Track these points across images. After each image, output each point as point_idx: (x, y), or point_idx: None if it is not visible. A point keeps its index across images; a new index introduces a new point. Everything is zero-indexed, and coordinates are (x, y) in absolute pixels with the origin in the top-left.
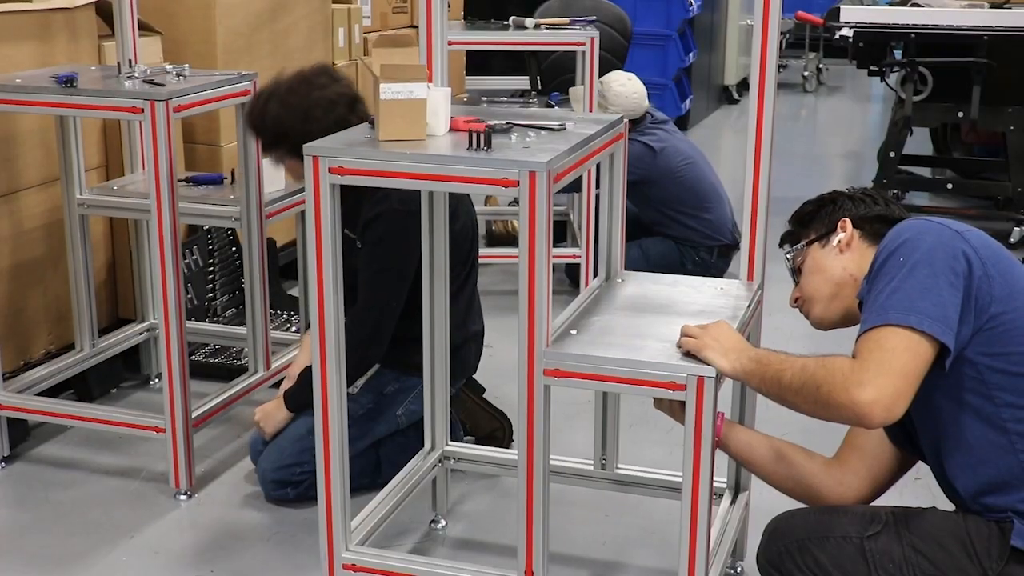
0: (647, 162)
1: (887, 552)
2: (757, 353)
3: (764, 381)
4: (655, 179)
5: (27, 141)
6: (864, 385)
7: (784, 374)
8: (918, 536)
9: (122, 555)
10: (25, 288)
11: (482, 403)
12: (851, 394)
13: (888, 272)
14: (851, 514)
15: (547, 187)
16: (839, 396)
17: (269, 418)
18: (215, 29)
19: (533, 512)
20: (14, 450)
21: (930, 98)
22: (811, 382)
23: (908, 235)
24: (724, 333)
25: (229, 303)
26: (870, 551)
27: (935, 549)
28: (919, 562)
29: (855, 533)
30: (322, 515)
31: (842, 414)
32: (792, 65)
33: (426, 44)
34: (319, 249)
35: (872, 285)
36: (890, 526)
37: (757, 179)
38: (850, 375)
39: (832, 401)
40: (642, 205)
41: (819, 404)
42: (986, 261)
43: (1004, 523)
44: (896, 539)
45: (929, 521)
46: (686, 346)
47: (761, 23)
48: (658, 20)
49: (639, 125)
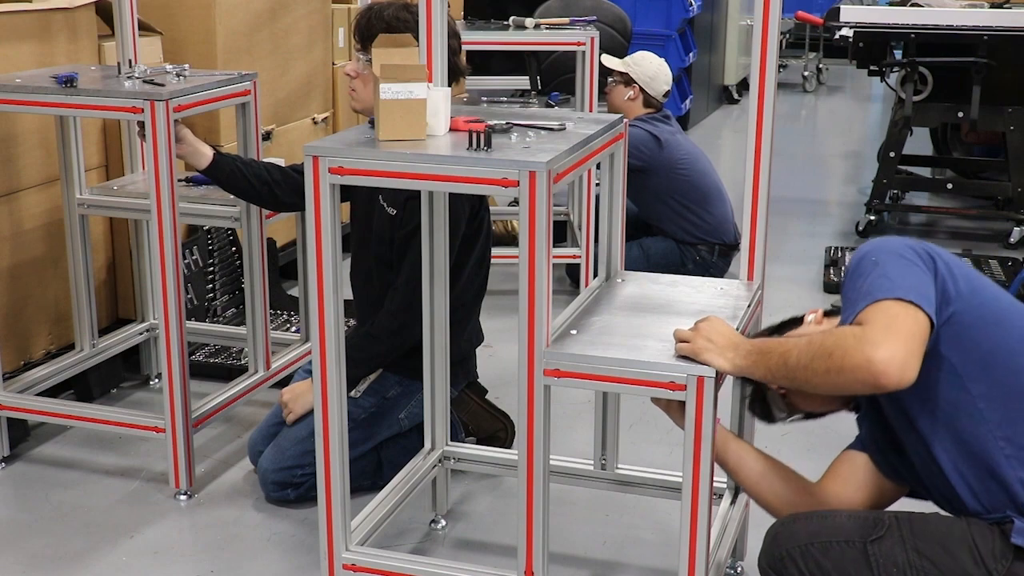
0: (651, 149)
1: (891, 556)
2: (753, 344)
3: (770, 369)
4: (655, 169)
5: (27, 141)
6: (877, 344)
7: (790, 355)
8: (922, 540)
9: (122, 555)
10: (25, 288)
11: (484, 404)
12: (866, 353)
13: (863, 271)
14: (854, 518)
15: (547, 187)
16: (854, 357)
17: (299, 399)
18: (215, 29)
19: (533, 512)
20: (14, 450)
21: (930, 98)
22: (821, 352)
23: (871, 247)
24: (716, 331)
25: (229, 303)
26: (873, 555)
27: (939, 553)
28: (923, 566)
29: (858, 537)
30: (322, 515)
31: (857, 376)
32: (792, 65)
33: (426, 44)
34: (319, 249)
35: (850, 285)
36: (893, 530)
37: (757, 179)
38: (862, 336)
39: (847, 364)
40: (643, 197)
41: (832, 372)
42: (948, 261)
43: (1004, 523)
44: (900, 543)
45: (933, 525)
46: (681, 352)
47: (761, 23)
48: (658, 20)
49: (649, 115)
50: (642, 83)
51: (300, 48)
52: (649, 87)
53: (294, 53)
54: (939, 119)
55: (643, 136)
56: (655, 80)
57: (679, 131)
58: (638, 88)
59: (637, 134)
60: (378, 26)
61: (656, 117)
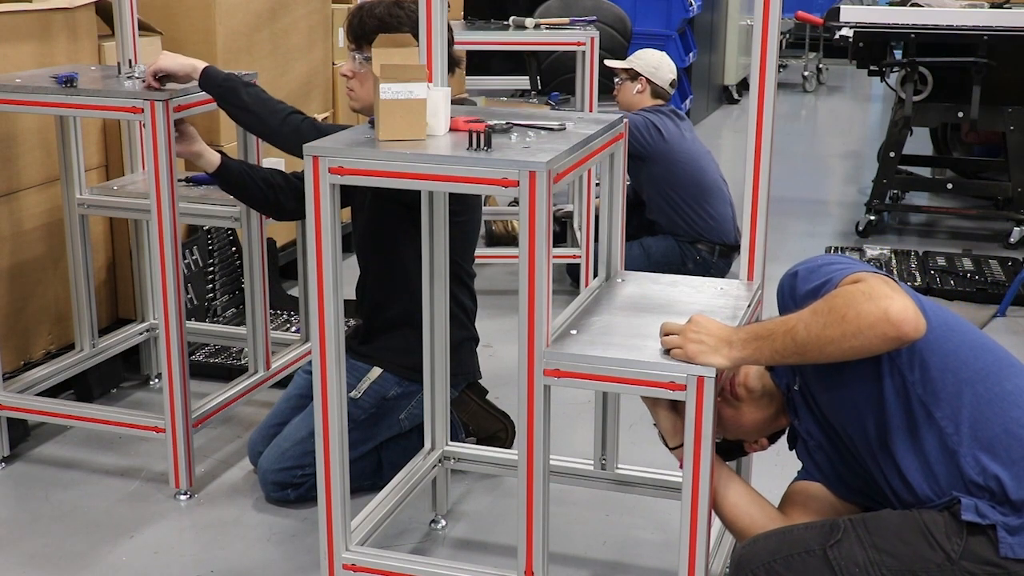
0: (650, 136)
1: (851, 557)
2: (747, 332)
3: (776, 351)
4: (653, 156)
5: (27, 141)
6: (889, 297)
7: (796, 331)
8: (878, 536)
9: (122, 555)
10: (25, 288)
11: (485, 405)
12: (881, 306)
13: (817, 274)
14: (811, 528)
15: (547, 187)
16: (871, 312)
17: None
18: (215, 29)
19: (533, 512)
20: (14, 450)
21: (930, 98)
22: (833, 317)
23: (805, 263)
24: (705, 331)
25: (229, 303)
26: (835, 559)
27: (896, 544)
28: (883, 560)
29: (817, 546)
30: (322, 515)
31: (876, 331)
32: (792, 65)
33: (426, 44)
34: (319, 249)
35: (803, 286)
36: (849, 532)
37: (757, 179)
38: (871, 292)
39: (864, 321)
40: (645, 187)
41: (848, 334)
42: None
43: (952, 505)
44: (858, 543)
45: (886, 520)
46: (675, 357)
47: (761, 23)
48: (658, 20)
49: (657, 107)
50: (647, 74)
51: (300, 48)
52: (655, 76)
53: (294, 53)
54: (939, 119)
55: (643, 123)
56: (659, 69)
57: (689, 128)
58: (644, 80)
59: (638, 120)
60: (370, 24)
61: (663, 110)
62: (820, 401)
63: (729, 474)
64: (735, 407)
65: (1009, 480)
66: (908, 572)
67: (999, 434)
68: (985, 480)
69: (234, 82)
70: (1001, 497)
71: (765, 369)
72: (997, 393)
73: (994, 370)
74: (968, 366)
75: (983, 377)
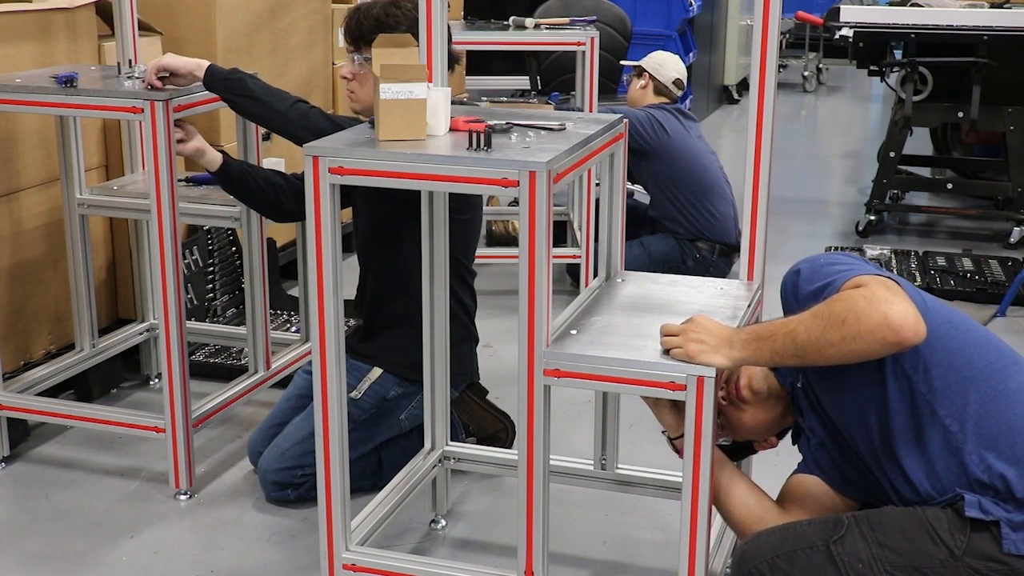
0: (650, 131)
1: (855, 553)
2: (748, 333)
3: (776, 352)
4: (653, 152)
5: (27, 141)
6: (889, 302)
7: (796, 333)
8: (881, 532)
9: (122, 555)
10: (25, 288)
11: (485, 405)
12: (881, 310)
13: (820, 275)
14: (814, 524)
15: (547, 187)
16: (872, 317)
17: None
18: (215, 29)
19: (533, 512)
20: (14, 450)
21: (930, 98)
22: (833, 320)
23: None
24: (705, 331)
25: (229, 303)
26: (838, 555)
27: (900, 540)
28: (887, 556)
29: (820, 541)
30: (322, 515)
31: (876, 336)
32: (792, 65)
33: (426, 44)
34: (319, 249)
35: (805, 287)
36: (853, 528)
37: (757, 179)
38: (871, 297)
39: (864, 326)
40: (646, 182)
41: (848, 337)
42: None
43: (956, 502)
44: (861, 538)
45: (890, 516)
46: (675, 357)
47: (761, 23)
48: (658, 20)
49: (661, 104)
50: (651, 71)
51: (300, 48)
52: (658, 73)
53: (294, 53)
54: (939, 119)
55: (645, 117)
56: (664, 67)
57: (696, 129)
58: (648, 76)
59: (640, 115)
60: (368, 24)
61: (668, 107)
62: (823, 401)
63: (733, 471)
64: (742, 410)
65: (1015, 477)
66: (911, 568)
67: (1004, 432)
68: (990, 478)
69: (240, 74)
70: (1006, 494)
71: (769, 370)
72: (1001, 391)
73: (998, 368)
74: (972, 364)
75: (987, 375)
